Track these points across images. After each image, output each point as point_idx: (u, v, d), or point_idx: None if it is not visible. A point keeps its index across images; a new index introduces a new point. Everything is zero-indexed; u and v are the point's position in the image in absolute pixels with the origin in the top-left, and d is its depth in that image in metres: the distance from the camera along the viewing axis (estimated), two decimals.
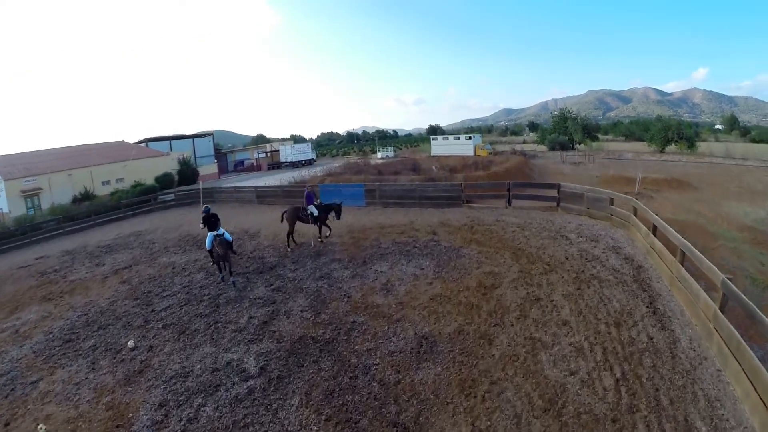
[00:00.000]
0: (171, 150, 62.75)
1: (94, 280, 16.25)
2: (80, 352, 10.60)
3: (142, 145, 62.21)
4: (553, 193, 18.73)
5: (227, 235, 13.06)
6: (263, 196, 30.43)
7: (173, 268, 16.22)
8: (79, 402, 8.44)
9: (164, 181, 50.92)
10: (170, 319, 11.44)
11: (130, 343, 10.33)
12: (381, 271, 12.88)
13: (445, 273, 12.31)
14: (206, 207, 13.32)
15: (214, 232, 12.70)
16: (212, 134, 74.74)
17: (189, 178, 55.52)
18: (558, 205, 18.47)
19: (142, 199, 35.21)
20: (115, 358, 10.00)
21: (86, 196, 41.64)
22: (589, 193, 17.16)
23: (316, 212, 15.84)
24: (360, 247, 15.82)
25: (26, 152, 52.02)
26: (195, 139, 69.58)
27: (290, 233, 16.48)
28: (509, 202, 20.07)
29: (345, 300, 11.11)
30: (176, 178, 53.86)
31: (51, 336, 11.78)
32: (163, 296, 13.21)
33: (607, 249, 13.10)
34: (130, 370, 9.36)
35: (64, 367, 10.09)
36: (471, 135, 55.92)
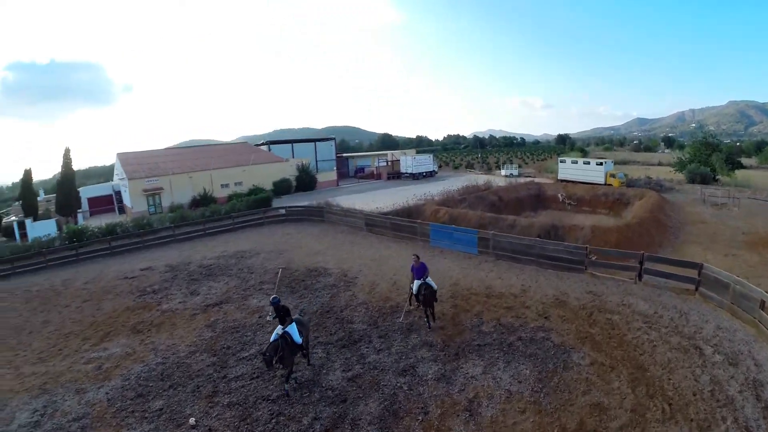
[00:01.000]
0: (293, 153, 67.59)
1: (183, 315, 17.65)
2: (146, 415, 11.36)
3: (264, 147, 67.88)
4: (693, 273, 16.79)
5: (295, 336, 11.93)
6: (372, 224, 30.84)
7: (260, 316, 16.89)
8: None
9: (282, 187, 54.99)
10: (237, 395, 11.75)
11: (192, 421, 10.79)
12: (472, 376, 11.84)
13: (543, 395, 10.90)
14: (274, 298, 12.24)
15: (282, 328, 11.97)
16: (334, 138, 79.32)
17: (307, 185, 59.10)
18: (697, 289, 16.63)
19: (253, 213, 37.85)
20: None
21: (205, 198, 46.38)
22: (736, 285, 14.55)
23: (414, 290, 14.86)
24: (458, 325, 14.89)
25: (152, 151, 60.10)
26: (317, 142, 74.11)
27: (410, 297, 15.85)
28: (639, 276, 17.91)
29: (420, 418, 10.30)
30: (294, 184, 57.71)
31: (127, 383, 12.91)
32: (239, 358, 13.74)
33: (745, 385, 10.80)
34: None
35: (128, 429, 10.86)
36: (602, 161, 52.24)
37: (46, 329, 17.35)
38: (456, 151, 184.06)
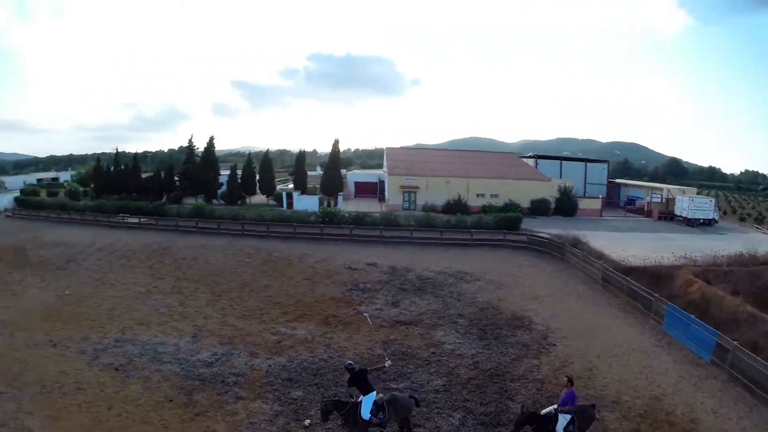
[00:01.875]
0: (561, 171, 66.50)
1: (369, 328, 18.34)
2: (282, 398, 13.78)
3: (531, 162, 68.25)
4: None
5: (365, 410, 11.16)
6: (608, 281, 27.60)
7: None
8: None
9: (539, 207, 54.01)
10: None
11: (306, 423, 12.60)
12: None
13: None
14: (349, 364, 11.85)
15: (361, 396, 11.40)
16: (608, 162, 75.77)
17: (566, 209, 56.36)
18: None
19: (494, 233, 38.43)
20: None
21: (458, 204, 49.09)
22: None
23: (564, 424, 12.66)
24: None
25: (416, 150, 66.36)
26: (588, 163, 71.63)
27: None
28: None
29: None
30: (552, 206, 55.91)
31: (288, 365, 15.63)
32: (382, 387, 14.49)
33: None
34: None
35: (262, 401, 13.44)
36: None
37: (264, 293, 21.67)
38: (751, 194, 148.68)
